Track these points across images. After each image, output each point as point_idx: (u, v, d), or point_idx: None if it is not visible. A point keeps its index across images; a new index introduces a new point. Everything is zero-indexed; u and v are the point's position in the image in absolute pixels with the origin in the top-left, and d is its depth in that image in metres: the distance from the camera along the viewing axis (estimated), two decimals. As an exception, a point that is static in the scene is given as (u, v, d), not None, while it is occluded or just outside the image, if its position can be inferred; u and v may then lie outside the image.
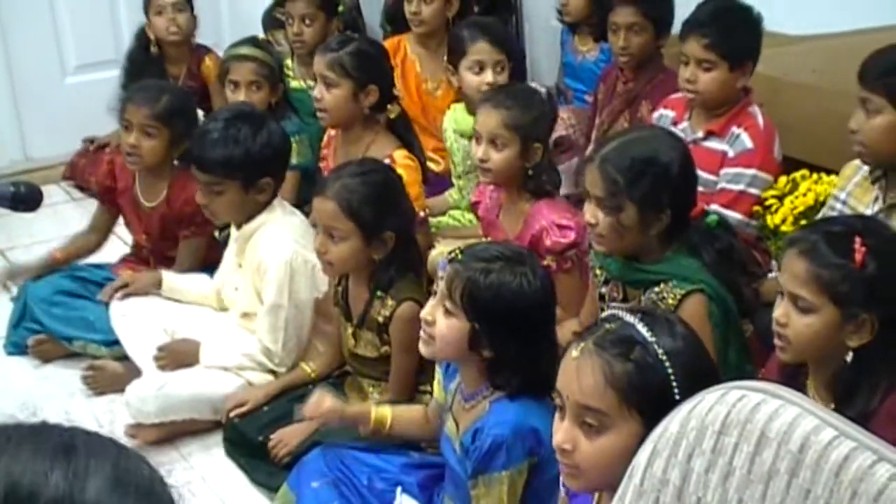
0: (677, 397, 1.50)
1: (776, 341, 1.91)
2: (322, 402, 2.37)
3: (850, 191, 2.56)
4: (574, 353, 1.60)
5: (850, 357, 1.86)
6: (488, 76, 3.23)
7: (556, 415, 1.65)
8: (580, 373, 1.58)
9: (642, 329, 1.59)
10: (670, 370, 1.56)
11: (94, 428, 2.59)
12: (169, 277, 3.11)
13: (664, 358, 1.57)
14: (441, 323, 2.05)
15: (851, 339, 1.84)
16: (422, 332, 2.11)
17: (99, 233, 3.42)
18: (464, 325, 2.02)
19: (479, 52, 3.26)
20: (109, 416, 2.90)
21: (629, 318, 1.62)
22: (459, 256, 2.05)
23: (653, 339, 1.58)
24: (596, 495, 1.73)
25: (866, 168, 2.52)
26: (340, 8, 3.93)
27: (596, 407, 1.57)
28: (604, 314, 1.71)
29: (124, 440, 2.87)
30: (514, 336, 2.00)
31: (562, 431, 1.61)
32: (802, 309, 1.85)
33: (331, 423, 2.43)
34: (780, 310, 1.89)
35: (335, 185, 2.56)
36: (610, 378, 1.56)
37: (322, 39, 3.79)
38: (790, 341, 1.88)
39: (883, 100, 2.34)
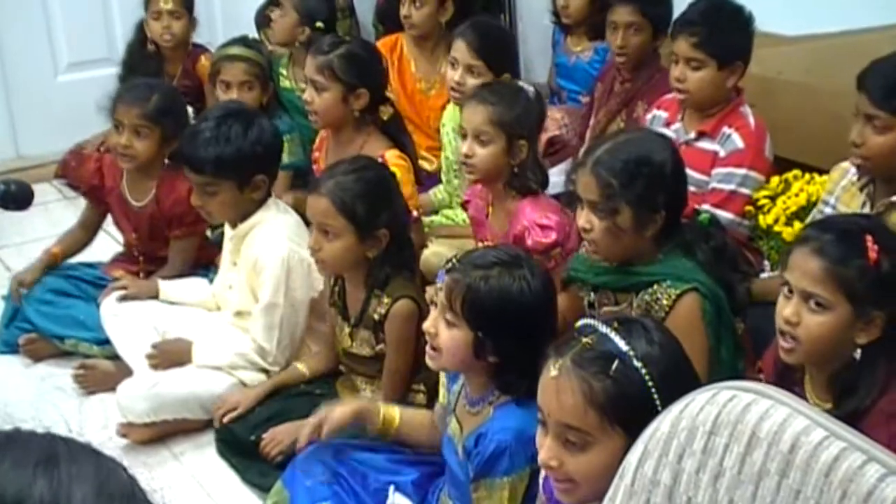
0: (659, 406, 1.50)
1: (783, 342, 1.91)
2: (330, 417, 2.34)
3: (838, 195, 2.56)
4: (553, 371, 1.59)
5: (858, 354, 1.87)
6: (457, 75, 3.24)
7: (539, 429, 1.64)
8: (560, 392, 1.57)
9: (618, 340, 1.58)
10: (650, 381, 1.55)
11: (89, 427, 2.59)
12: (165, 288, 3.09)
13: (643, 369, 1.56)
14: (444, 334, 2.03)
15: (860, 337, 1.85)
16: (427, 347, 2.10)
17: (87, 230, 3.40)
18: (467, 334, 2.01)
19: (456, 49, 3.28)
20: (101, 416, 2.90)
21: (604, 328, 1.61)
22: (456, 265, 2.03)
23: (629, 350, 1.57)
24: None
25: (853, 171, 2.52)
26: (318, 24, 3.92)
27: (577, 426, 1.57)
28: (578, 324, 1.69)
29: (116, 439, 2.88)
30: (518, 340, 1.99)
31: (546, 448, 1.61)
32: (817, 307, 1.85)
33: (342, 427, 2.37)
34: (791, 309, 1.88)
35: (329, 183, 2.56)
36: (590, 397, 1.55)
37: (288, 37, 3.81)
38: (801, 340, 1.88)
39: (893, 118, 2.31)
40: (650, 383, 1.55)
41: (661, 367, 1.57)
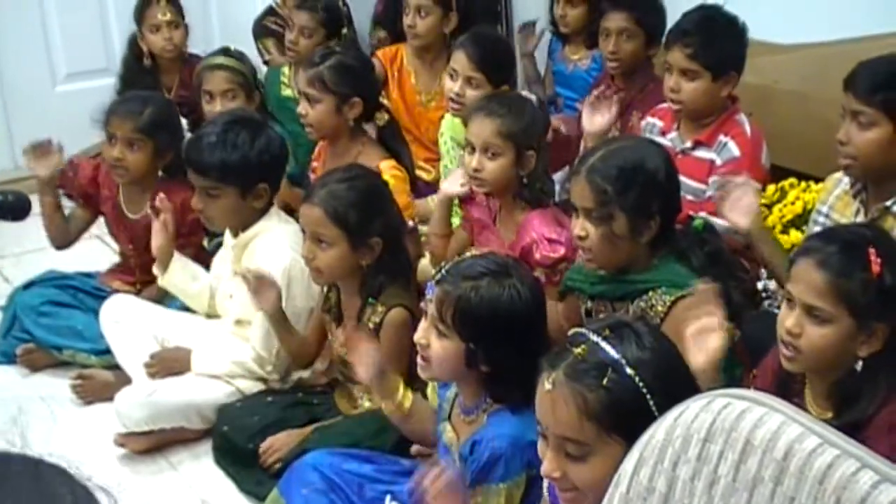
0: (654, 410, 1.51)
1: (785, 351, 1.91)
2: (369, 348, 2.31)
3: (832, 204, 2.56)
4: (547, 385, 1.59)
5: (859, 366, 1.87)
6: (456, 86, 3.25)
7: (540, 441, 1.65)
8: (555, 406, 1.58)
9: (609, 349, 1.58)
10: (643, 387, 1.56)
11: (87, 438, 2.59)
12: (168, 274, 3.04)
13: (636, 376, 1.56)
14: (435, 345, 2.04)
15: (862, 349, 1.85)
16: (419, 358, 2.10)
17: (68, 227, 3.37)
18: (458, 345, 2.01)
19: (456, 60, 3.28)
20: (99, 426, 2.89)
21: (595, 337, 1.61)
22: (445, 276, 2.03)
23: (621, 357, 1.57)
24: None
25: (846, 181, 2.52)
26: (345, 31, 3.92)
27: (575, 438, 1.57)
28: (570, 333, 1.69)
29: (114, 449, 2.87)
30: (510, 348, 1.99)
31: (547, 461, 1.61)
32: (818, 320, 1.85)
33: (367, 366, 2.30)
34: (793, 320, 1.88)
35: (321, 192, 2.56)
36: (585, 410, 1.56)
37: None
38: (802, 351, 1.88)
39: (878, 113, 2.31)
40: (643, 389, 1.56)
41: (653, 370, 1.57)
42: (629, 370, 1.56)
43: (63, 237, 3.38)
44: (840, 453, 1.09)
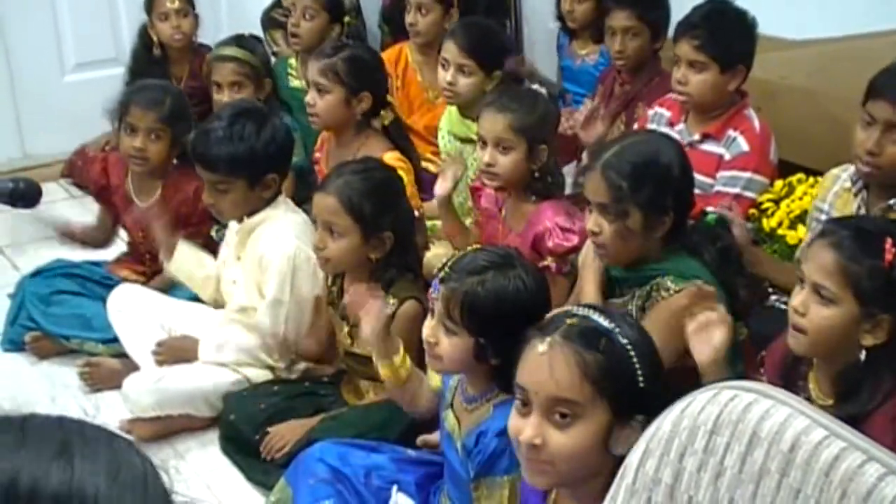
0: (642, 384, 1.59)
1: (791, 331, 1.92)
2: (376, 304, 2.31)
3: (832, 202, 2.56)
4: (541, 347, 1.62)
5: (863, 355, 1.87)
6: (448, 75, 3.25)
7: (518, 410, 1.66)
8: (553, 366, 1.61)
9: (603, 321, 1.64)
10: (634, 358, 1.61)
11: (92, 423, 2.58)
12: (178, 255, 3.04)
13: (628, 345, 1.62)
14: (444, 343, 2.04)
15: (866, 339, 1.86)
16: (427, 355, 2.11)
17: (102, 231, 3.42)
18: (467, 341, 2.02)
19: (446, 50, 3.29)
20: (106, 412, 2.91)
21: (586, 311, 1.67)
22: (449, 273, 2.04)
23: (615, 328, 1.63)
24: (553, 493, 1.75)
25: (844, 177, 2.52)
26: (347, 19, 3.91)
27: (571, 398, 1.60)
28: (558, 310, 1.74)
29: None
30: (518, 339, 2.00)
31: (530, 427, 1.62)
32: (823, 300, 1.86)
33: (373, 322, 2.31)
34: (799, 298, 1.90)
35: (337, 181, 2.57)
36: (584, 369, 1.60)
37: (319, 40, 3.79)
38: (806, 331, 1.89)
39: None
40: (635, 360, 1.61)
41: (642, 348, 1.64)
42: (622, 339, 1.62)
43: (103, 240, 3.43)
44: (846, 445, 1.09)
